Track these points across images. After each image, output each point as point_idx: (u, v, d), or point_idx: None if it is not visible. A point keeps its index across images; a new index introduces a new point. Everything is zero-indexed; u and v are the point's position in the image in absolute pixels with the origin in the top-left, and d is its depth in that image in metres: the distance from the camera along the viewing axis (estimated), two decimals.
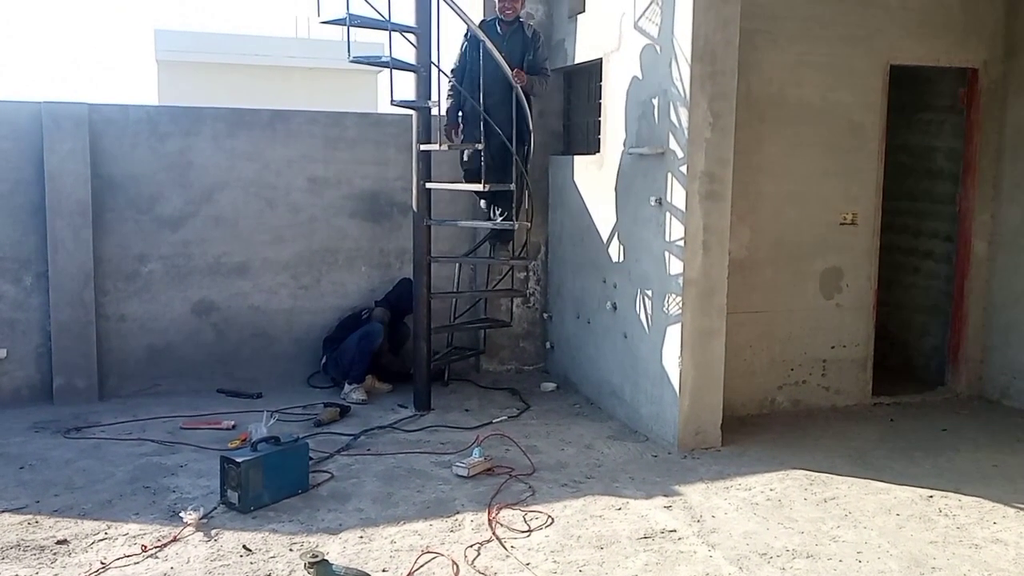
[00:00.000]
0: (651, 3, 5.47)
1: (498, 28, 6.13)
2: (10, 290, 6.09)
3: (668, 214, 5.32)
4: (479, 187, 5.86)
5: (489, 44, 5.68)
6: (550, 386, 6.77)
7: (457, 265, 6.85)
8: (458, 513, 4.32)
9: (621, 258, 5.95)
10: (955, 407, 6.33)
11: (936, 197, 6.70)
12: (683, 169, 5.16)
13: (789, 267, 6.05)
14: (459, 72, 6.14)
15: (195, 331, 6.52)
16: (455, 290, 6.85)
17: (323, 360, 6.56)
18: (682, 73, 5.13)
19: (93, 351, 6.18)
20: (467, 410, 6.12)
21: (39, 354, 6.16)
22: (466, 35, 6.05)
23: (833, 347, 6.21)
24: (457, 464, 4.86)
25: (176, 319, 6.47)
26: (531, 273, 7.17)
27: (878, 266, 6.29)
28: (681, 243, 5.19)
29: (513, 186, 5.91)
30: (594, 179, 6.34)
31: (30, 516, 4.22)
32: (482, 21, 6.18)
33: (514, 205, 6.08)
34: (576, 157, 6.69)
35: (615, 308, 6.01)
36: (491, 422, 5.81)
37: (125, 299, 6.34)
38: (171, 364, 6.46)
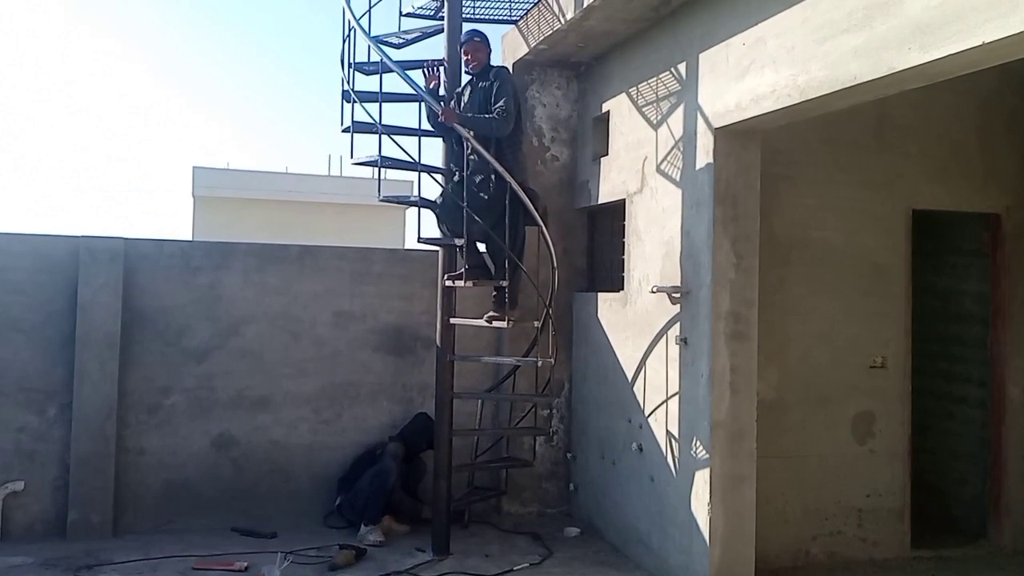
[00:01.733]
0: (673, 148, 5.62)
1: (470, 83, 5.97)
2: (33, 421, 6.08)
3: (694, 354, 5.27)
4: (503, 324, 5.85)
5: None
6: (574, 531, 6.53)
7: (479, 401, 6.77)
8: None
9: (646, 397, 5.85)
10: (999, 562, 6.01)
11: (967, 341, 6.60)
12: (708, 309, 5.14)
13: (820, 410, 5.92)
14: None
15: (213, 466, 6.43)
16: (477, 427, 6.74)
17: (338, 501, 6.40)
18: (705, 215, 5.21)
19: (111, 485, 6.11)
20: (487, 556, 5.90)
21: (56, 487, 6.09)
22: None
23: (868, 495, 5.98)
24: None
25: (195, 453, 6.40)
26: (554, 411, 7.07)
27: (911, 411, 6.14)
28: (708, 383, 5.11)
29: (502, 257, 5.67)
30: (618, 316, 6.34)
31: None
32: (466, 84, 6.04)
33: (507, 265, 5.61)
34: (600, 294, 6.72)
35: (641, 449, 5.87)
36: (512, 570, 5.58)
37: (146, 432, 6.31)
38: (187, 500, 6.34)
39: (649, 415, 5.81)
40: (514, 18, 6.77)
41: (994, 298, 6.36)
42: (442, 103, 5.84)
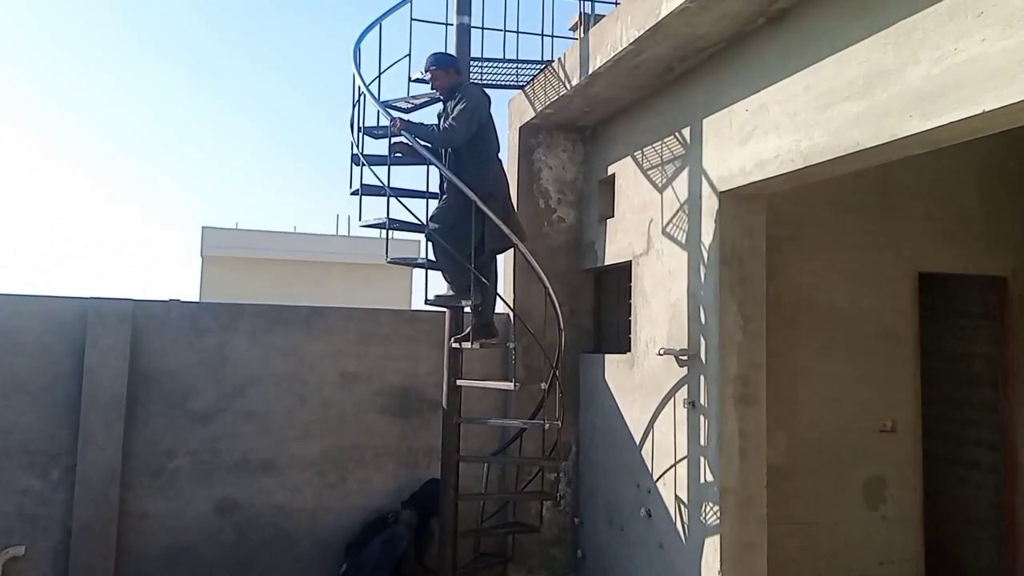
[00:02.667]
0: (678, 211, 5.66)
1: (444, 106, 6.00)
2: (36, 484, 6.03)
3: (702, 417, 5.22)
4: (509, 385, 5.83)
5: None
6: None
7: (485, 464, 6.70)
8: None
9: (654, 461, 5.79)
10: None
11: (977, 404, 6.54)
12: (716, 372, 5.11)
13: (830, 475, 5.85)
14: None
15: (216, 531, 6.34)
16: (483, 492, 6.65)
17: (344, 568, 6.29)
18: (711, 278, 5.22)
19: (112, 551, 6.02)
20: None
21: (57, 552, 6.00)
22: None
23: (882, 563, 5.87)
24: None
25: (198, 517, 6.32)
26: (562, 474, 6.98)
27: (922, 476, 6.05)
28: (716, 448, 5.06)
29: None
30: (625, 378, 6.31)
31: None
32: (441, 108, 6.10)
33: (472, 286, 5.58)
34: (607, 356, 6.69)
35: (650, 515, 5.78)
36: None
37: (149, 496, 6.24)
38: (189, 566, 6.24)
39: (658, 480, 5.73)
40: (521, 83, 6.90)
41: (1003, 361, 6.33)
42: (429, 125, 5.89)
